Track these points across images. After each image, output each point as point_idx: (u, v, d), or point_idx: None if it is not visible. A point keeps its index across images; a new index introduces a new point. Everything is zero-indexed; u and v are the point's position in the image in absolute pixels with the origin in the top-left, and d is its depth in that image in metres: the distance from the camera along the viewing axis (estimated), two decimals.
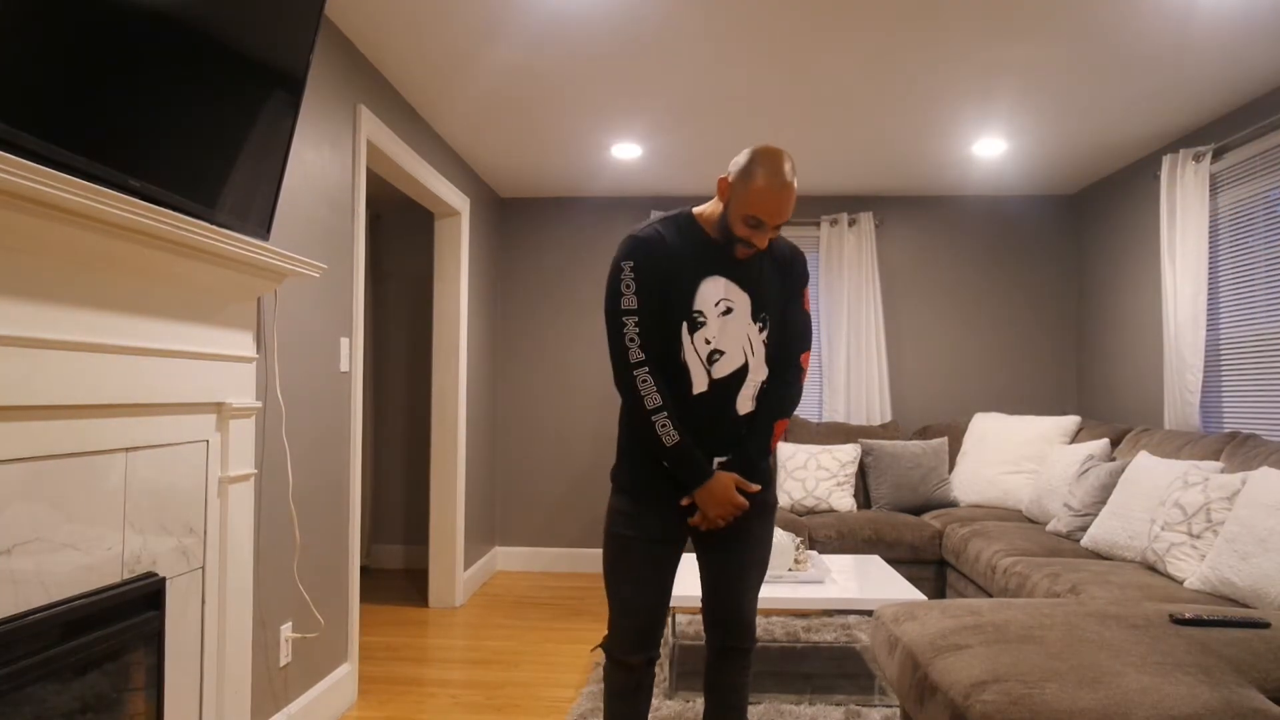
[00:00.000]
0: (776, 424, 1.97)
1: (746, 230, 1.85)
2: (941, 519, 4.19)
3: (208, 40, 1.82)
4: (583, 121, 3.89)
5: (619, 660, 1.96)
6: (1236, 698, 1.67)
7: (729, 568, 1.99)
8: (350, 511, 3.09)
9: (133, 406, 1.78)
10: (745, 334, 1.92)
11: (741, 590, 2.00)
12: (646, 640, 1.95)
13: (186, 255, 1.86)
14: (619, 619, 1.95)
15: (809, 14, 2.80)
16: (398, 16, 2.84)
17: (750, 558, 2.00)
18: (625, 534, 1.93)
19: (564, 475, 5.33)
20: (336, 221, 2.98)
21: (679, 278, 1.87)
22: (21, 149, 1.40)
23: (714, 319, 1.89)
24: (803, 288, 2.03)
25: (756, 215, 1.81)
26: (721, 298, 1.90)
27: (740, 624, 2.01)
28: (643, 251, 1.86)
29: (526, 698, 3.10)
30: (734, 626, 2.00)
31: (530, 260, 5.39)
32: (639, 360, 1.84)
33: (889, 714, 2.83)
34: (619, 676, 1.98)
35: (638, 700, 1.98)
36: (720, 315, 1.89)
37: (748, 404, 1.95)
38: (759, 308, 1.93)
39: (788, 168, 1.81)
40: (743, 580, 1.99)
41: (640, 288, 1.84)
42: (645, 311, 1.85)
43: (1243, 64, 3.16)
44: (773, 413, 1.97)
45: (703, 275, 1.90)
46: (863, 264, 5.10)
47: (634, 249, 1.86)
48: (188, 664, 2.00)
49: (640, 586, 1.92)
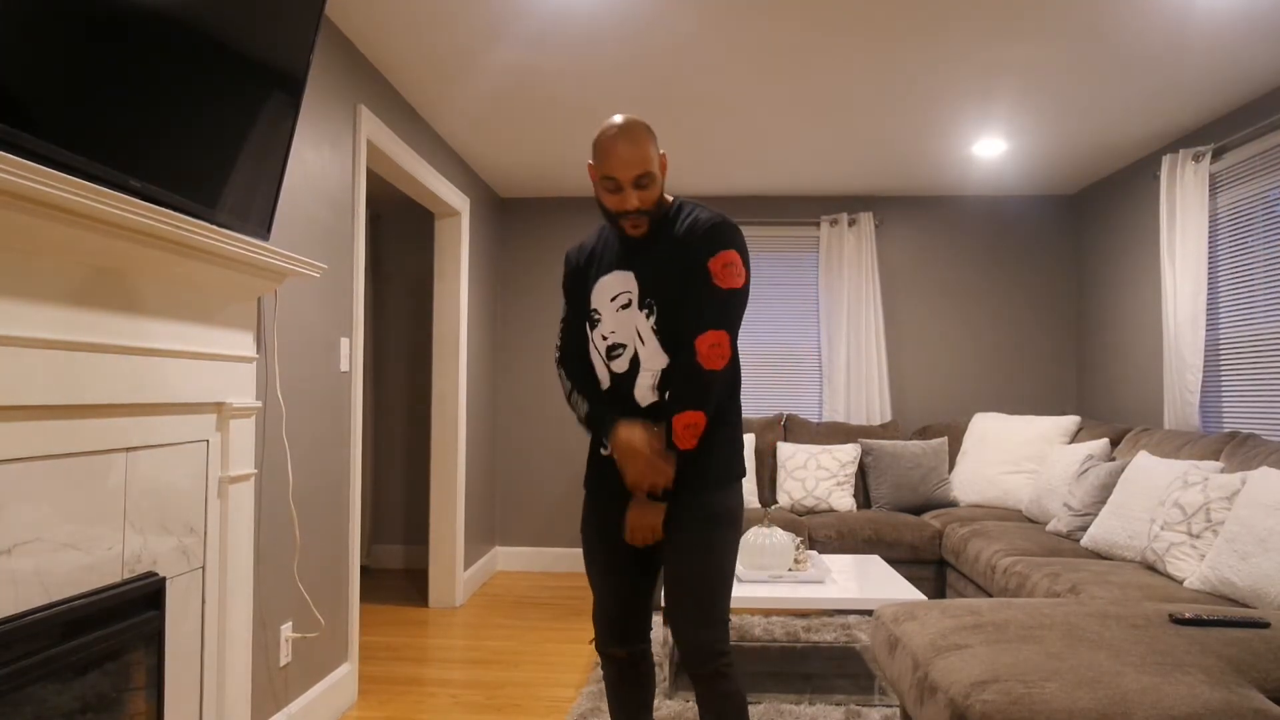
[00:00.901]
0: (675, 418, 1.74)
1: (611, 199, 1.81)
2: (941, 519, 4.19)
3: (208, 40, 1.82)
4: (583, 121, 3.89)
5: (600, 651, 2.00)
6: (1236, 698, 1.67)
7: (670, 584, 1.83)
8: (350, 511, 3.09)
9: (133, 406, 1.78)
10: (634, 325, 1.86)
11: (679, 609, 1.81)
12: (618, 631, 1.95)
13: (187, 255, 1.86)
14: (595, 611, 1.99)
15: (809, 14, 2.80)
16: (398, 16, 2.84)
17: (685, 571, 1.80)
18: (585, 530, 1.98)
19: (564, 475, 5.33)
20: (336, 221, 2.98)
21: (585, 280, 1.96)
22: (21, 149, 1.40)
23: (609, 314, 1.89)
24: (705, 259, 1.78)
25: (607, 174, 1.79)
26: (620, 291, 1.88)
27: (685, 645, 1.80)
28: (566, 263, 2.02)
29: (526, 698, 3.10)
30: (682, 649, 1.82)
31: (530, 260, 5.39)
32: (556, 359, 2.01)
33: (889, 714, 2.83)
34: (604, 667, 2.02)
35: (623, 690, 1.99)
36: (618, 310, 1.88)
37: (649, 394, 1.85)
38: (644, 294, 1.84)
39: (619, 119, 1.79)
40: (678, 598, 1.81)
41: (566, 297, 2.00)
42: (569, 317, 1.99)
43: (1242, 64, 3.16)
44: (670, 404, 1.76)
45: (602, 273, 1.92)
46: (862, 264, 5.10)
47: (564, 261, 2.02)
48: (188, 664, 2.00)
49: (603, 579, 1.94)
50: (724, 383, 1.82)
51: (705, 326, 1.75)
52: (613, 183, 1.79)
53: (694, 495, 1.81)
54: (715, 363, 1.74)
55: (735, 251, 1.79)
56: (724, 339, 1.75)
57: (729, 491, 1.85)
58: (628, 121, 1.79)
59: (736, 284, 1.78)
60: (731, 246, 1.79)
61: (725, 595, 1.83)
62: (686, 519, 1.81)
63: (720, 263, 1.77)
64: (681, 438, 1.74)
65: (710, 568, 1.80)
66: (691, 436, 1.74)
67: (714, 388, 1.76)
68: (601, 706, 2.91)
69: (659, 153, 1.83)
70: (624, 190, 1.79)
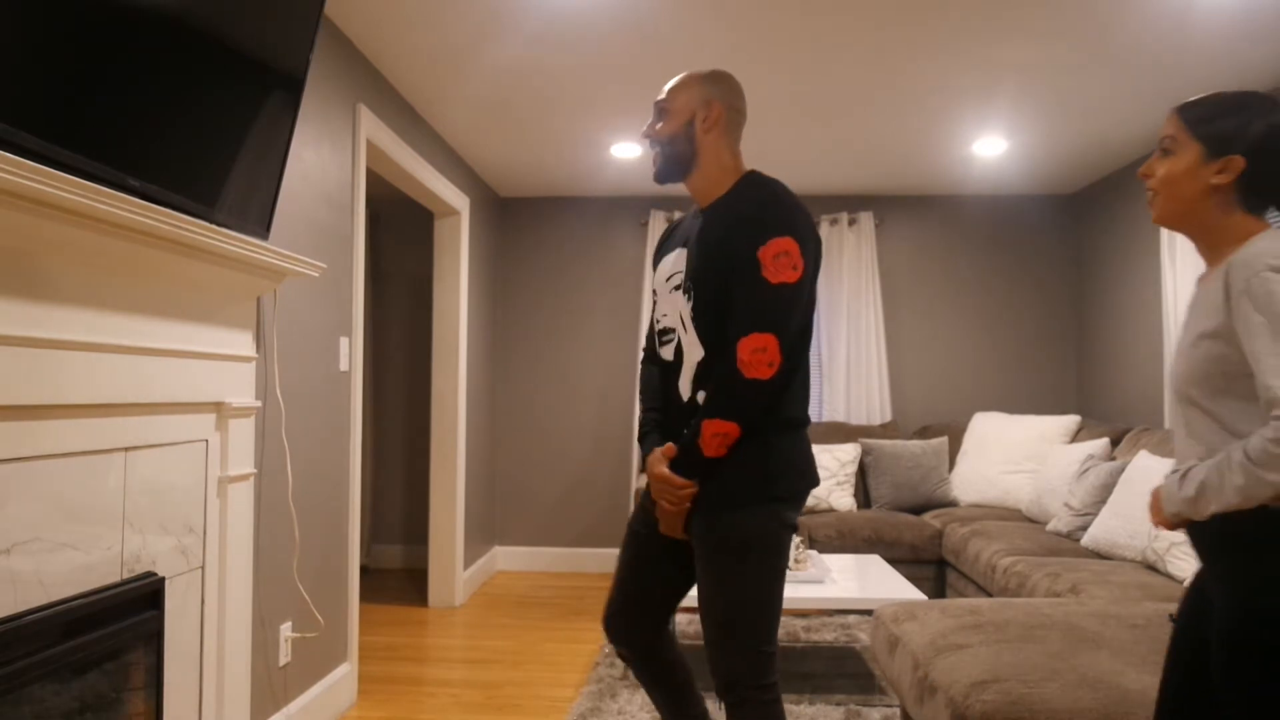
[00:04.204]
0: (704, 424, 1.58)
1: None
2: (941, 519, 4.19)
3: (207, 39, 1.82)
4: (583, 121, 3.89)
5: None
6: None
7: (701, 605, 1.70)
8: (350, 511, 3.09)
9: (132, 406, 1.78)
10: (677, 309, 1.70)
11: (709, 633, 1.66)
12: (616, 625, 1.85)
13: (186, 254, 1.86)
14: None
15: (809, 13, 2.79)
16: (398, 15, 2.84)
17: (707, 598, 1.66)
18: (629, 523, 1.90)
19: (564, 475, 5.33)
20: (336, 221, 2.98)
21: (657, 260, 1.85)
22: (21, 149, 1.40)
23: (664, 296, 1.75)
24: (754, 247, 1.56)
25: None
26: (675, 271, 1.72)
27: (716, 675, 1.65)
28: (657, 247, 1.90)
29: (526, 697, 3.10)
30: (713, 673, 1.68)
31: (530, 260, 5.39)
32: (642, 358, 1.88)
33: (889, 714, 2.83)
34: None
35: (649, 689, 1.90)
36: (670, 291, 1.73)
37: (686, 388, 1.70)
38: (686, 274, 1.68)
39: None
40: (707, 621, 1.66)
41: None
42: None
43: (1242, 64, 3.16)
44: (702, 410, 1.60)
45: (666, 251, 1.80)
46: (862, 264, 5.10)
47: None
48: (187, 664, 2.00)
49: (620, 572, 1.87)
50: (770, 393, 1.58)
51: (749, 328, 1.55)
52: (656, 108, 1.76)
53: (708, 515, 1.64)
54: (759, 370, 1.54)
55: (792, 239, 1.55)
56: (771, 343, 1.54)
57: (751, 513, 1.62)
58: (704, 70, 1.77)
59: (790, 278, 1.55)
60: (788, 233, 1.55)
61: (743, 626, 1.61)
62: (698, 541, 1.66)
63: (771, 252, 1.54)
64: (709, 444, 1.57)
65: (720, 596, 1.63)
66: (721, 445, 1.57)
67: (754, 398, 1.56)
68: (601, 706, 2.90)
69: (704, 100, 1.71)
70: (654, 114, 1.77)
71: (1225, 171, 1.27)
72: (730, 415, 1.56)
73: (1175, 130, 1.32)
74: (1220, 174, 1.27)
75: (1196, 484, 1.23)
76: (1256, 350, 1.16)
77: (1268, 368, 1.15)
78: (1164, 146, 1.34)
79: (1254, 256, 1.19)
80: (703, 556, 1.66)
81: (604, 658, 3.47)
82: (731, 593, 1.62)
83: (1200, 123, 1.30)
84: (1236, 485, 1.16)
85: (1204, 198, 1.29)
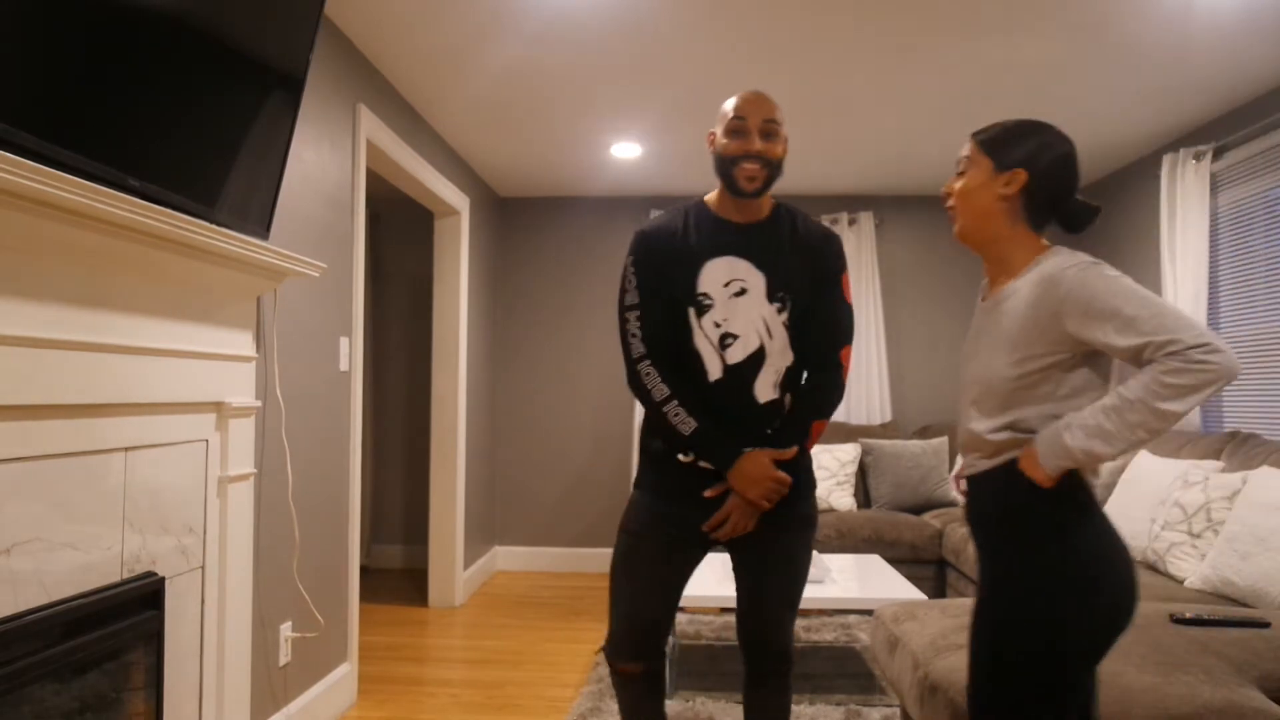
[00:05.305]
0: (814, 424, 1.82)
1: (734, 142, 1.77)
2: (941, 518, 4.19)
3: (207, 39, 1.82)
4: (583, 121, 3.89)
5: (616, 668, 1.87)
6: (1237, 697, 1.67)
7: (765, 589, 1.85)
8: (350, 511, 3.09)
9: (132, 406, 1.78)
10: (760, 316, 1.79)
11: (777, 614, 1.86)
12: (641, 647, 1.84)
13: (186, 254, 1.86)
14: (616, 621, 1.85)
15: (809, 13, 2.79)
16: (397, 15, 2.84)
17: (785, 578, 1.85)
18: (635, 531, 1.83)
19: (564, 475, 5.33)
20: (336, 221, 2.98)
21: (683, 262, 1.81)
22: (21, 148, 1.40)
23: (722, 301, 1.79)
24: (839, 274, 1.86)
25: (738, 114, 1.78)
26: (732, 278, 1.80)
27: (776, 649, 1.88)
28: (644, 245, 1.84)
29: (526, 697, 3.10)
30: (769, 651, 1.88)
31: (530, 260, 5.39)
32: (640, 354, 1.80)
33: (889, 714, 2.83)
34: (618, 685, 1.90)
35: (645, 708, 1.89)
36: (731, 297, 1.79)
37: (769, 391, 1.80)
38: (776, 287, 1.80)
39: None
40: (778, 603, 1.86)
41: (642, 281, 1.82)
42: (650, 304, 1.81)
43: (1243, 63, 3.16)
44: (809, 411, 1.82)
45: (708, 256, 1.81)
46: (863, 264, 5.10)
47: (636, 244, 1.85)
48: (187, 664, 2.00)
49: (641, 587, 1.82)
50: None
51: (844, 341, 1.85)
52: (740, 123, 1.77)
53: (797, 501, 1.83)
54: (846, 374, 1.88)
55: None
56: (850, 354, 1.88)
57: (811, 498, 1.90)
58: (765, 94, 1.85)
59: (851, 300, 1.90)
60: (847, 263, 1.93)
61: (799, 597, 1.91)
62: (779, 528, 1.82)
63: (848, 278, 1.89)
64: (813, 440, 1.84)
65: (798, 574, 1.87)
66: (815, 440, 1.85)
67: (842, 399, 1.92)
68: (601, 706, 2.90)
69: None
70: (749, 134, 1.77)
71: (1011, 184, 1.45)
72: (828, 413, 1.84)
73: (970, 152, 1.51)
74: (1007, 185, 1.45)
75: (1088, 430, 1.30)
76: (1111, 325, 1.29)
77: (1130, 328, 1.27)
78: (960, 169, 1.52)
79: (1056, 271, 1.36)
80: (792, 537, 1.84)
81: (604, 658, 3.47)
82: (802, 568, 1.87)
83: (990, 144, 1.48)
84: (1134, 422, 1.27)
85: (995, 207, 1.47)
